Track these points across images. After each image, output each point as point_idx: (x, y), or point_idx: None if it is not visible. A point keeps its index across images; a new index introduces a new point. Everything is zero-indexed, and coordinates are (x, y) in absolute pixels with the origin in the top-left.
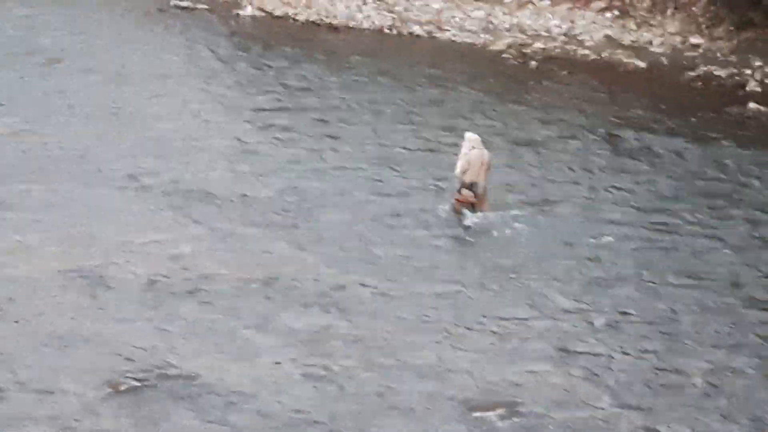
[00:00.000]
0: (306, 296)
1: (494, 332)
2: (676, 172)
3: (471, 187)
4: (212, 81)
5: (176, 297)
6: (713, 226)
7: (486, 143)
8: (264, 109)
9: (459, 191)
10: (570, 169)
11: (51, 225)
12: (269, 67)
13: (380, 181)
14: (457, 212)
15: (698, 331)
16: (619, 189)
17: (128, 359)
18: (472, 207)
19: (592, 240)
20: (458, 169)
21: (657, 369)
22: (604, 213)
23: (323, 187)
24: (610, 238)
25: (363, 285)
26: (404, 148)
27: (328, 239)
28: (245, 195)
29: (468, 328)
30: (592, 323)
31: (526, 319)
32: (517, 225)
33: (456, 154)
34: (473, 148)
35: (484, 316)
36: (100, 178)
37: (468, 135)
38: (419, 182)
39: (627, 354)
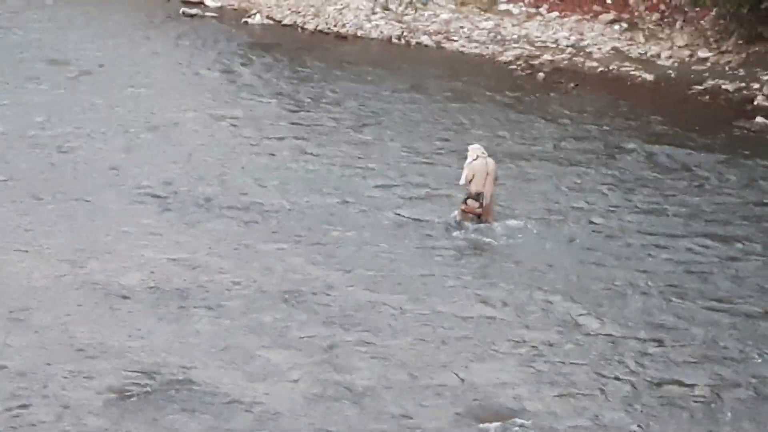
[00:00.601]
0: (323, 311)
1: (519, 354)
2: (682, 186)
3: (477, 197)
4: (220, 91)
5: (194, 310)
6: (720, 237)
7: (493, 154)
8: (273, 118)
9: (465, 201)
10: (577, 181)
11: (73, 235)
12: (280, 77)
13: (386, 190)
14: (463, 222)
15: (738, 356)
16: (625, 201)
17: (144, 371)
18: (478, 217)
19: (601, 254)
20: (463, 180)
21: (693, 398)
22: (612, 226)
23: (331, 198)
24: (622, 251)
25: (378, 302)
26: (410, 158)
27: (341, 252)
28: (263, 207)
29: (492, 349)
30: (617, 345)
31: (550, 340)
32: (524, 237)
33: (462, 165)
34: (477, 158)
35: (508, 339)
36: (125, 190)
37: (471, 145)
38: (425, 192)
39: (654, 380)
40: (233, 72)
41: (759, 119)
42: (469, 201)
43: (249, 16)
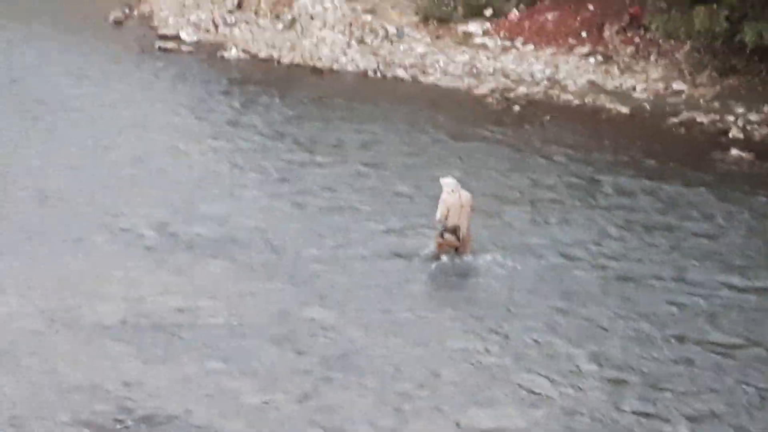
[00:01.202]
0: (314, 352)
1: (518, 399)
2: (659, 219)
3: (453, 231)
4: (197, 127)
5: (183, 352)
6: (691, 270)
7: (467, 187)
8: (252, 153)
9: (441, 235)
10: (553, 214)
11: (59, 276)
12: (253, 108)
13: (361, 224)
14: (440, 256)
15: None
16: (601, 234)
17: (132, 414)
18: (455, 251)
19: (578, 287)
20: (438, 215)
21: None
22: (588, 259)
23: (310, 234)
24: (599, 284)
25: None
26: (386, 192)
27: (329, 291)
28: (234, 240)
29: (486, 394)
30: (613, 389)
31: (543, 384)
32: (500, 270)
33: (437, 199)
34: (452, 191)
35: (500, 381)
36: (111, 230)
37: (444, 180)
38: (402, 226)
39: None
40: (211, 108)
41: (734, 151)
42: (446, 235)
43: (225, 51)
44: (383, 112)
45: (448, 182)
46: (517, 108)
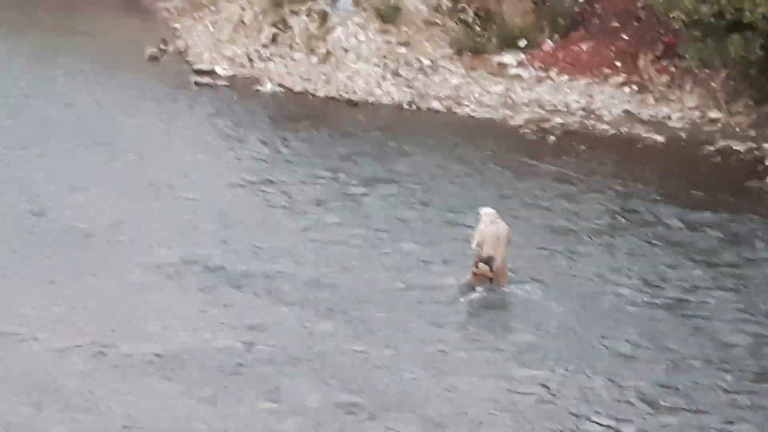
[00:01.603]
0: (355, 388)
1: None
2: (696, 249)
3: (487, 261)
4: (234, 160)
5: (224, 384)
6: (733, 302)
7: (504, 218)
8: (288, 187)
9: (476, 265)
10: (590, 243)
11: (100, 313)
12: (288, 143)
13: (396, 256)
14: (474, 287)
15: None
16: (639, 265)
17: None
18: (489, 281)
19: (612, 321)
20: (473, 244)
21: None
22: (623, 289)
23: (341, 260)
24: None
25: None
26: (422, 222)
27: (368, 325)
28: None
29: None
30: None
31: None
32: (537, 301)
33: (472, 229)
34: (491, 222)
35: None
36: (149, 264)
37: (483, 210)
38: (436, 257)
39: None
40: (246, 142)
41: None
42: (480, 265)
43: (260, 85)
44: (419, 145)
45: (487, 212)
46: (552, 138)
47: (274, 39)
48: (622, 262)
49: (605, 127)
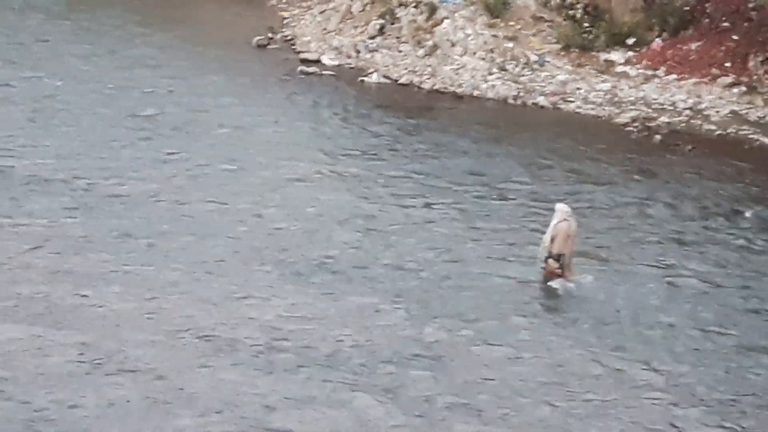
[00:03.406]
0: (439, 375)
1: None
2: None
3: (558, 258)
4: (335, 149)
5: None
6: None
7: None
8: (386, 178)
9: (545, 261)
10: (694, 243)
11: (192, 293)
12: (393, 134)
13: (491, 250)
14: (547, 281)
15: None
16: (740, 267)
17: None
18: (558, 277)
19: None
20: (547, 239)
21: None
22: (727, 291)
23: (439, 257)
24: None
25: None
26: (523, 218)
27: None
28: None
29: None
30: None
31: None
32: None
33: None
34: (564, 219)
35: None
36: (244, 248)
37: (559, 206)
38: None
39: None
40: (351, 133)
41: None
42: (550, 261)
43: (366, 75)
44: (523, 140)
45: (561, 208)
46: (658, 137)
47: (381, 30)
48: (722, 264)
49: (712, 127)
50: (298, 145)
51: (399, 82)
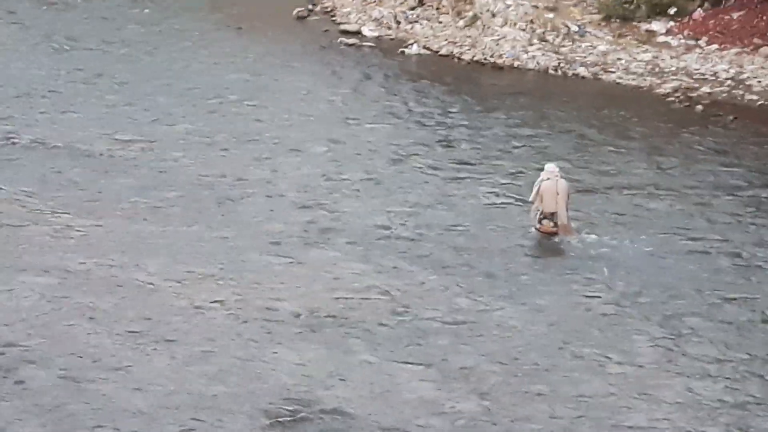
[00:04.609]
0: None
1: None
2: None
3: (551, 216)
4: (376, 120)
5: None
6: None
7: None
8: (427, 149)
9: (540, 221)
10: (734, 214)
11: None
12: (435, 106)
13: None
14: (545, 239)
15: None
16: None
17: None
18: (555, 235)
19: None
20: (532, 197)
21: None
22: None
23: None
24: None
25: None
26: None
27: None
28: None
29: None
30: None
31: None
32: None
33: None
34: (548, 179)
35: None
36: (277, 213)
37: (547, 166)
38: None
39: None
40: (392, 104)
41: None
42: (544, 221)
43: (406, 46)
44: (563, 110)
45: (548, 168)
46: (699, 107)
47: (421, 1)
48: (759, 234)
49: (754, 97)
50: (337, 115)
51: (439, 53)
